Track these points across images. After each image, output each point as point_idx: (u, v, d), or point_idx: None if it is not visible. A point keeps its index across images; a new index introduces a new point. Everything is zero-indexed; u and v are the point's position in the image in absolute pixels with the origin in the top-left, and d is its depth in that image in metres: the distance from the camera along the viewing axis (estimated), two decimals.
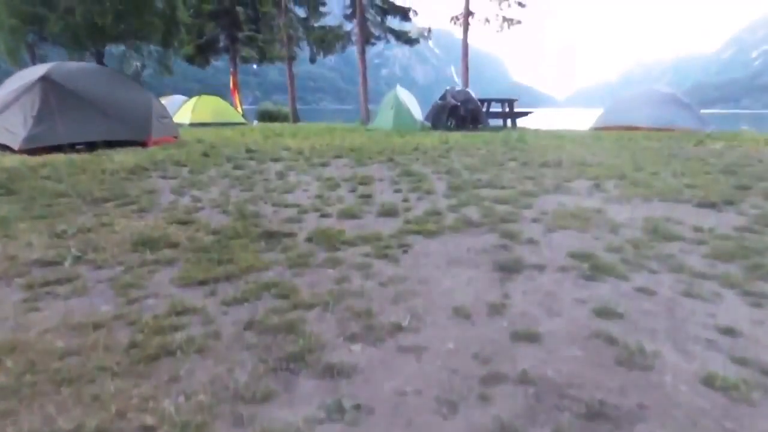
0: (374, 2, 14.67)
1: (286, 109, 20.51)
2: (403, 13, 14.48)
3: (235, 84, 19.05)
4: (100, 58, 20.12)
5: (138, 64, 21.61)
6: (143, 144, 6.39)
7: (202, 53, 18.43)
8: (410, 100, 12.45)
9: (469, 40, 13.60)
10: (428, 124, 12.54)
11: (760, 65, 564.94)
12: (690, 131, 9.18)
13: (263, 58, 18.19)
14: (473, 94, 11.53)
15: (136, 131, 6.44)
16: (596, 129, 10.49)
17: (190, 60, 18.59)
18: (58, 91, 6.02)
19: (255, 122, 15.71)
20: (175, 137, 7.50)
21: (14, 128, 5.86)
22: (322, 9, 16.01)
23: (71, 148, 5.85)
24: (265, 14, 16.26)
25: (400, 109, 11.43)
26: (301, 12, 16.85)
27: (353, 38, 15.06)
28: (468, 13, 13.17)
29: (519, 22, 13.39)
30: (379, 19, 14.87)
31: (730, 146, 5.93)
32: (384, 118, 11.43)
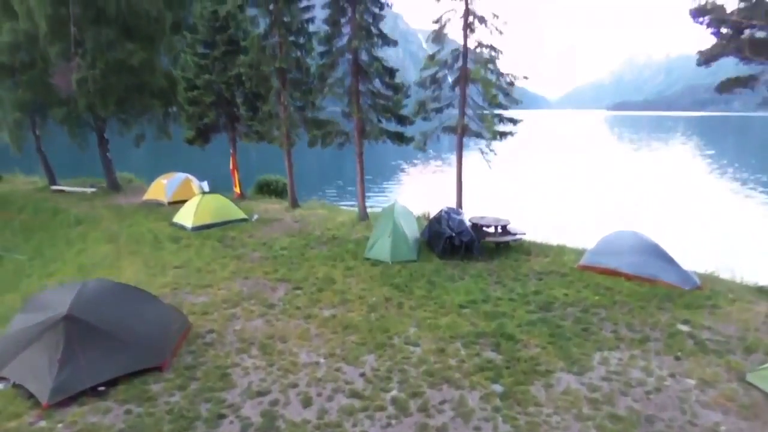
0: (373, 106, 15.10)
1: (284, 180, 20.85)
2: (401, 120, 14.90)
3: (234, 164, 19.45)
4: (101, 133, 20.48)
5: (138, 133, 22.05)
6: (160, 368, 6.81)
7: (202, 135, 18.79)
8: (407, 220, 12.95)
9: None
10: (425, 238, 13.09)
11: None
12: (672, 288, 9.75)
13: (262, 139, 18.56)
14: (468, 223, 12.02)
15: (154, 357, 6.84)
16: (583, 267, 11.02)
17: (189, 142, 18.95)
18: (81, 329, 6.41)
19: (255, 216, 16.11)
20: (188, 329, 7.90)
21: (39, 372, 6.25)
22: (319, 102, 16.38)
23: (93, 391, 6.26)
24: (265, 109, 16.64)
25: (398, 237, 11.92)
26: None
27: (352, 139, 15.49)
28: (463, 132, 13.65)
29: (512, 133, 13.91)
30: (376, 120, 15.29)
31: (703, 386, 6.45)
32: (382, 247, 11.87)
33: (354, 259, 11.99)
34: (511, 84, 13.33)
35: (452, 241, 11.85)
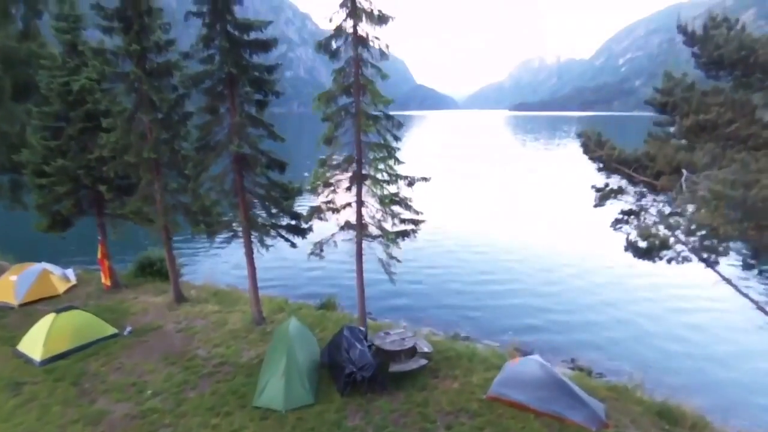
0: (262, 200, 13.48)
1: None
2: (296, 218, 13.45)
3: (104, 252, 16.69)
4: None
5: None
6: None
7: (58, 224, 15.84)
8: (304, 345, 11.56)
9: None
10: (324, 361, 11.86)
11: (626, 72, 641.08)
12: (579, 428, 9.39)
13: (136, 224, 16.10)
14: (370, 357, 10.87)
15: None
16: (492, 398, 10.41)
17: (43, 231, 15.90)
18: None
19: (128, 329, 13.74)
20: None
21: None
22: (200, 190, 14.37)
23: None
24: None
25: (292, 376, 10.48)
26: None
27: (240, 235, 13.77)
28: (361, 235, 12.52)
29: (415, 232, 12.98)
30: (265, 214, 13.69)
31: None
32: (273, 390, 10.33)
33: (241, 407, 10.32)
34: (411, 184, 12.40)
35: (354, 377, 10.66)
